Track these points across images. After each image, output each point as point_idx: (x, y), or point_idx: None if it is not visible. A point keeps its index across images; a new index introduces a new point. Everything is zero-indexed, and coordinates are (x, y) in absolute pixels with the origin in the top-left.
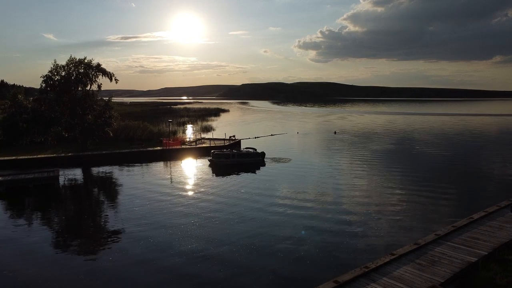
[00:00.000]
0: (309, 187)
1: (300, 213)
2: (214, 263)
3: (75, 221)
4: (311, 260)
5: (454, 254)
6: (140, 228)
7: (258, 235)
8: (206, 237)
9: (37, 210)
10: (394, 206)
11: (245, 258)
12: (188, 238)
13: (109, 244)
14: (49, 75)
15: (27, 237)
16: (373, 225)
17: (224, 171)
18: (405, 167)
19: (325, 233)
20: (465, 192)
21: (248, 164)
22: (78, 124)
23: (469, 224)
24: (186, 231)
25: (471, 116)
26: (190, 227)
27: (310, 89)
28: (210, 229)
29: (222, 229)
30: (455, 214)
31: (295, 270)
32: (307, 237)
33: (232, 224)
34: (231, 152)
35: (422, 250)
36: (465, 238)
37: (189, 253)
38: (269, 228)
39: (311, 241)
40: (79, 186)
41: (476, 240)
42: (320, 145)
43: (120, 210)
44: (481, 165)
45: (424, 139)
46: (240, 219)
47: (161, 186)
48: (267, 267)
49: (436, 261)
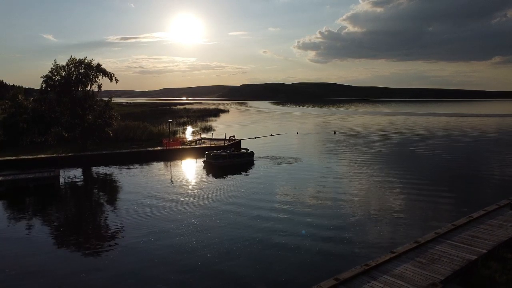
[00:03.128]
0: (310, 187)
1: (301, 212)
2: (214, 261)
3: (75, 220)
4: (311, 259)
5: (454, 252)
6: (140, 229)
7: (261, 235)
8: (207, 235)
9: (38, 210)
10: (393, 205)
11: (246, 258)
12: (190, 237)
13: (109, 244)
14: (49, 75)
15: (27, 237)
16: (373, 224)
17: (222, 172)
18: (405, 167)
19: (325, 231)
20: (465, 191)
21: (243, 164)
22: (78, 124)
23: (469, 222)
24: (188, 231)
25: (470, 116)
26: (191, 228)
27: (309, 90)
28: (210, 228)
29: (223, 229)
30: (454, 213)
31: (296, 269)
32: (307, 236)
33: (233, 224)
34: (227, 153)
35: (422, 249)
36: (465, 236)
37: (190, 252)
38: (271, 229)
39: (312, 239)
40: (79, 186)
41: (476, 239)
42: (320, 145)
43: (119, 211)
44: (480, 165)
45: (423, 139)
46: (243, 219)
47: (161, 186)
48: (267, 266)
49: (436, 259)
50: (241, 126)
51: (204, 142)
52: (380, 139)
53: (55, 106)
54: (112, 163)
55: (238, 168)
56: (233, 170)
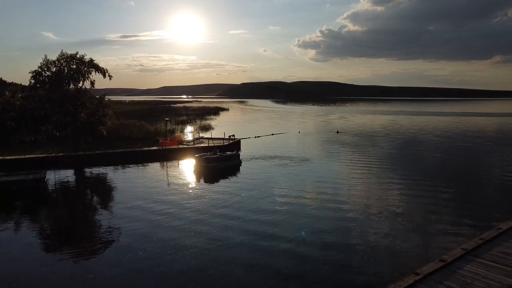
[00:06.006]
0: (315, 190)
1: (312, 226)
2: (217, 267)
3: (59, 226)
4: None
5: (488, 274)
6: (132, 236)
7: (266, 240)
8: (206, 241)
9: (19, 214)
10: (408, 216)
11: (249, 261)
12: (188, 243)
13: (95, 254)
14: (38, 71)
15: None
16: (391, 239)
17: (218, 174)
18: (415, 171)
19: (339, 253)
20: (487, 198)
21: (234, 166)
22: (70, 122)
23: (498, 236)
24: (184, 237)
25: (479, 116)
26: (188, 234)
27: (310, 88)
28: (210, 232)
29: (224, 231)
30: (478, 224)
31: None
32: (320, 256)
33: (237, 227)
34: (220, 155)
35: (450, 269)
36: (496, 253)
37: (191, 253)
38: (274, 233)
39: (328, 262)
40: (68, 188)
41: (510, 257)
42: (324, 146)
43: (108, 217)
44: (501, 168)
45: (432, 140)
46: (248, 222)
47: (156, 189)
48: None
49: (469, 283)
50: (241, 125)
51: (202, 141)
52: (386, 139)
53: (45, 103)
54: (106, 163)
55: (234, 170)
56: (229, 172)
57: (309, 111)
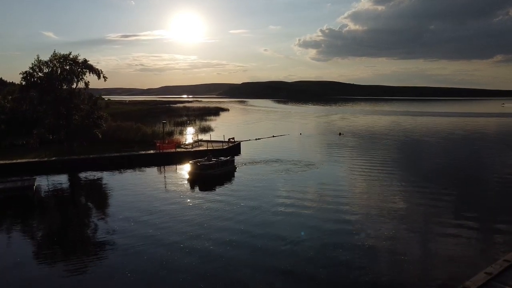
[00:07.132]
0: (319, 199)
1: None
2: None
3: (46, 238)
4: None
5: None
6: (124, 252)
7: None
8: (206, 246)
9: (3, 226)
10: (421, 235)
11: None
12: (182, 261)
13: (82, 273)
14: (30, 72)
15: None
16: (401, 259)
17: (213, 181)
18: (424, 176)
19: (348, 270)
20: (504, 212)
21: (229, 172)
22: (63, 125)
23: None
24: (178, 255)
25: (485, 117)
26: (183, 251)
27: (311, 88)
28: (206, 249)
29: (225, 236)
30: (498, 243)
31: None
32: (332, 271)
33: (242, 233)
34: (215, 162)
35: None
36: None
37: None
38: (278, 239)
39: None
40: (59, 196)
41: None
42: (326, 149)
43: (100, 230)
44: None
45: (439, 142)
46: (254, 227)
47: (152, 198)
48: None
49: None
50: (241, 126)
51: (201, 144)
52: (392, 142)
53: (37, 105)
54: (100, 168)
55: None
56: (227, 177)
57: (310, 112)
